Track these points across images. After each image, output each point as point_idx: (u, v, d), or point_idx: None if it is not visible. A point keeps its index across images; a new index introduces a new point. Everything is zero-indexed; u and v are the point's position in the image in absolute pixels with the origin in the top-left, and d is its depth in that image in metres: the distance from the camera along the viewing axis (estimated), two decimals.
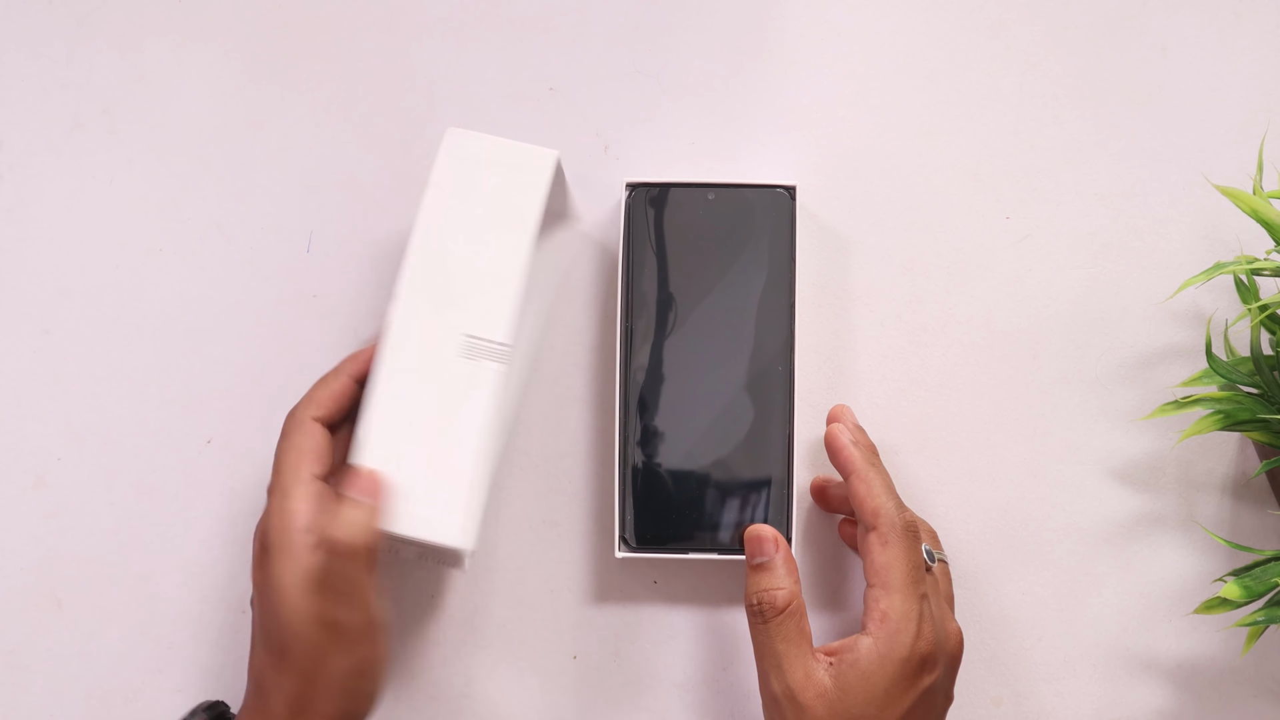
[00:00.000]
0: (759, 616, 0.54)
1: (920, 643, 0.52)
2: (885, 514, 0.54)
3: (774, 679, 0.53)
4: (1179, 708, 0.62)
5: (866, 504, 0.55)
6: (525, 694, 0.62)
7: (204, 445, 0.62)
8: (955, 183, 0.64)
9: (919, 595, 0.53)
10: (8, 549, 0.62)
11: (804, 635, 0.54)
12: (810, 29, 0.65)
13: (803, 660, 0.53)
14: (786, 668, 0.53)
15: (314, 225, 0.64)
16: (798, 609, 0.54)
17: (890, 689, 0.52)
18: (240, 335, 0.63)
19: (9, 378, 0.63)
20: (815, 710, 0.52)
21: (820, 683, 0.52)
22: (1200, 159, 0.64)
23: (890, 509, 0.54)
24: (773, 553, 0.55)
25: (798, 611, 0.54)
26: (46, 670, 0.62)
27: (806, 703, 0.52)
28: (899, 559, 0.53)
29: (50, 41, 0.64)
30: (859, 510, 0.55)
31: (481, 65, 0.64)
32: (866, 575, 0.54)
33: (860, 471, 0.56)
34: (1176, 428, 0.62)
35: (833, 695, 0.52)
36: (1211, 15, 0.65)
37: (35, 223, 0.64)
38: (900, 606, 0.53)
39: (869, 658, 0.52)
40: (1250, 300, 0.58)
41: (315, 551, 0.50)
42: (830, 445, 0.58)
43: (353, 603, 0.50)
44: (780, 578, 0.54)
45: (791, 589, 0.54)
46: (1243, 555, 0.61)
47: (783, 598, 0.54)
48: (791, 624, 0.53)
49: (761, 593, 0.54)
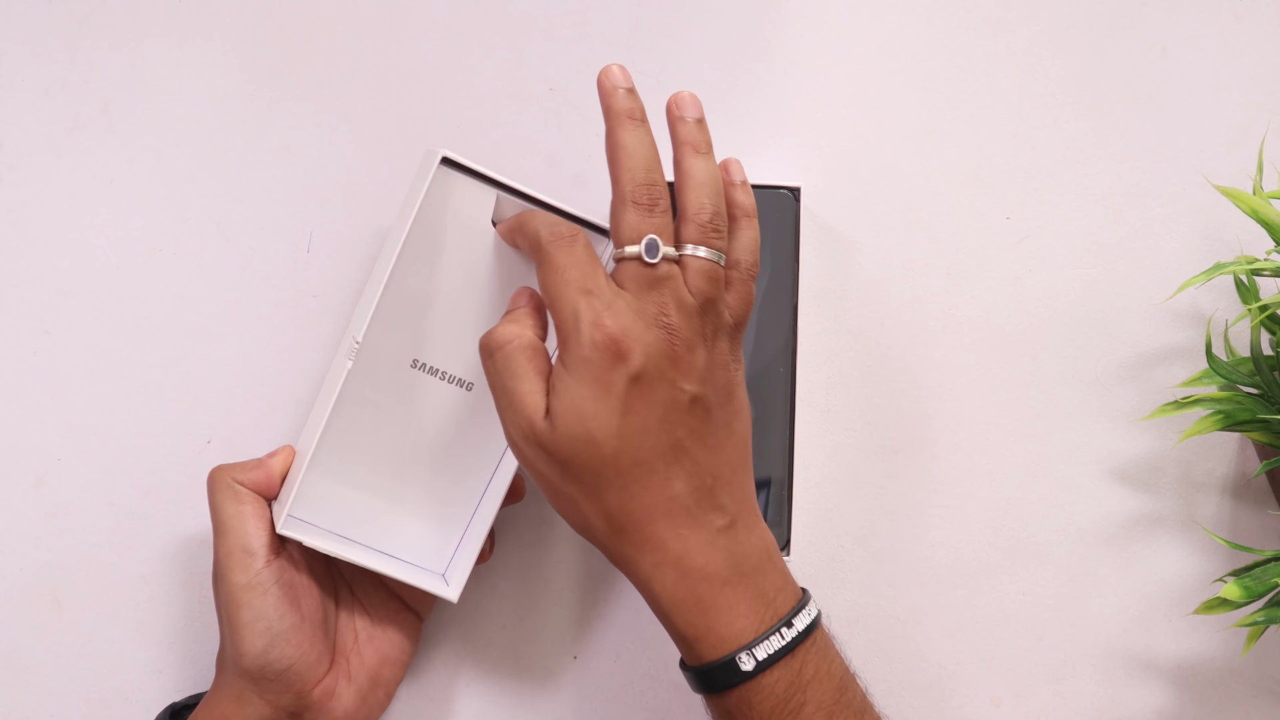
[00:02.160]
0: (484, 354, 0.51)
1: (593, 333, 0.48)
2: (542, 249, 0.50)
3: (513, 416, 0.50)
4: (1179, 708, 0.62)
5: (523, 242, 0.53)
6: (525, 694, 0.62)
7: (204, 445, 0.62)
8: (955, 183, 0.64)
9: (580, 292, 0.49)
10: (8, 549, 0.62)
11: (531, 368, 0.50)
12: (810, 29, 0.65)
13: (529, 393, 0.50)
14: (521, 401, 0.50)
15: (314, 225, 0.64)
16: (530, 342, 0.51)
17: (596, 387, 0.48)
18: (240, 335, 0.63)
19: (9, 378, 0.63)
20: (549, 447, 0.49)
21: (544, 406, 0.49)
22: (1200, 159, 0.64)
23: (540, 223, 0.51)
24: (522, 303, 0.54)
25: (528, 348, 0.51)
26: (46, 670, 0.62)
27: (542, 438, 0.49)
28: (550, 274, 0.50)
29: (50, 41, 0.64)
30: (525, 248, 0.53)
31: (481, 65, 0.64)
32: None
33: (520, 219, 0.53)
34: (1176, 428, 0.62)
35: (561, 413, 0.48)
36: (1211, 15, 0.65)
37: (35, 223, 0.64)
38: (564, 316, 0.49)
39: (559, 367, 0.49)
40: (1250, 300, 0.58)
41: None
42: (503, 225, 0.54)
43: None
44: (518, 323, 0.52)
45: (527, 331, 0.51)
46: (1243, 555, 0.61)
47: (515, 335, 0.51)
48: (519, 357, 0.50)
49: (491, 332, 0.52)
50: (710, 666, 0.49)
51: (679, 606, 0.49)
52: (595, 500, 0.49)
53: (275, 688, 0.54)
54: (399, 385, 0.56)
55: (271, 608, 0.54)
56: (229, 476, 0.56)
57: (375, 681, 0.58)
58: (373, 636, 0.58)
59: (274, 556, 0.55)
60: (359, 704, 0.57)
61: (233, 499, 0.55)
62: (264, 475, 0.56)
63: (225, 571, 0.54)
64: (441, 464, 0.57)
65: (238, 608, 0.54)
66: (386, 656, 0.58)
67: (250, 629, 0.54)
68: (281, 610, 0.54)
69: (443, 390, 0.56)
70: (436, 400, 0.56)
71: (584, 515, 0.50)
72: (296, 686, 0.55)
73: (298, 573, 0.56)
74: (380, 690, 0.58)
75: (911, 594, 0.62)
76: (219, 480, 0.56)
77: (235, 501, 0.55)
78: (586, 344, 0.48)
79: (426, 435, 0.57)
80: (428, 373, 0.56)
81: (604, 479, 0.49)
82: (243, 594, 0.54)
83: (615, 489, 0.49)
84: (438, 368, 0.56)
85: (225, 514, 0.55)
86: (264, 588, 0.54)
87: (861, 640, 0.62)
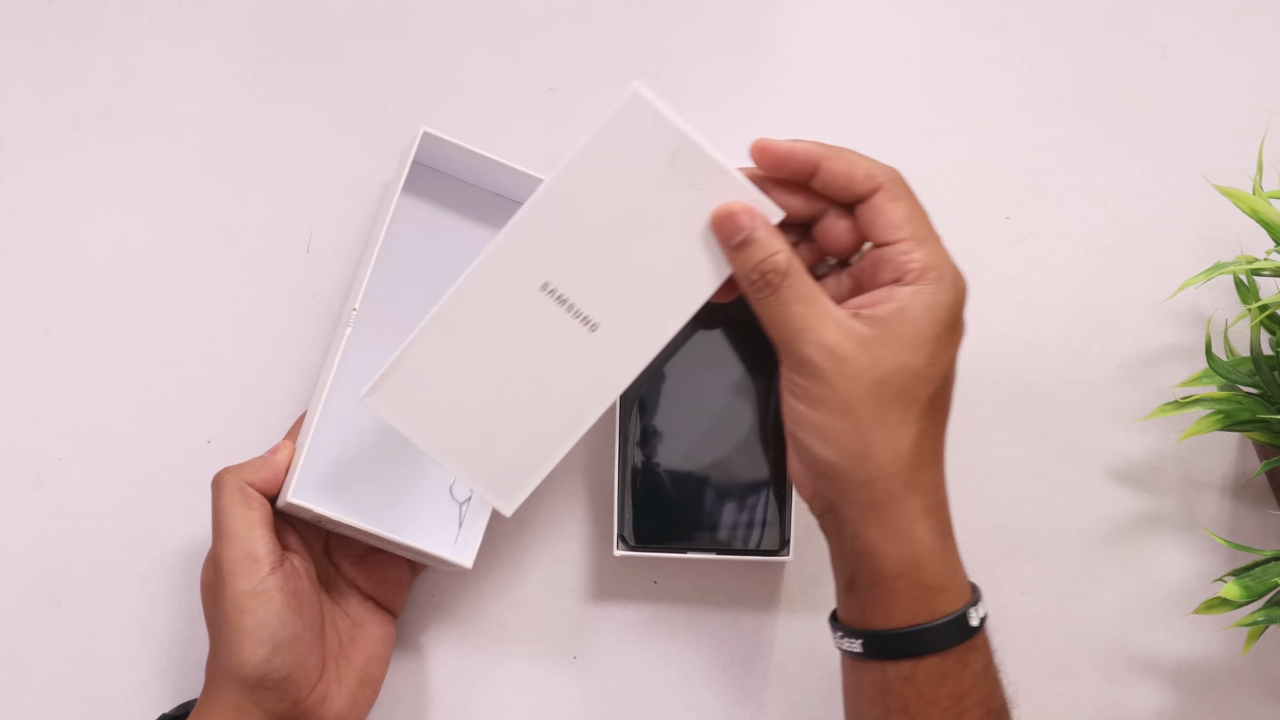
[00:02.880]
0: (766, 288, 0.49)
1: (960, 295, 0.49)
2: (883, 169, 0.49)
3: (802, 343, 0.48)
4: (1179, 708, 0.62)
5: (857, 171, 0.49)
6: (525, 694, 0.62)
7: (204, 445, 0.62)
8: (955, 183, 0.64)
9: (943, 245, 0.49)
10: (8, 549, 0.62)
11: (818, 289, 0.49)
12: (810, 29, 0.65)
13: (830, 313, 0.48)
14: (815, 324, 0.48)
15: (314, 225, 0.64)
16: (800, 267, 0.49)
17: (941, 336, 0.48)
18: (240, 335, 0.63)
19: (9, 378, 0.63)
20: (858, 360, 0.47)
21: (859, 331, 0.48)
22: (1200, 159, 0.64)
23: (881, 165, 0.50)
24: (751, 224, 0.49)
25: (802, 269, 0.49)
26: (46, 670, 0.62)
27: (847, 353, 0.48)
28: (918, 208, 0.49)
29: (50, 41, 0.64)
30: (848, 185, 0.49)
31: (481, 65, 0.64)
32: (881, 234, 0.49)
33: (828, 151, 0.49)
34: (1176, 428, 0.62)
35: (876, 342, 0.48)
36: (1211, 15, 0.65)
37: (35, 223, 0.64)
38: (939, 254, 0.49)
39: (915, 305, 0.48)
40: (1250, 300, 0.58)
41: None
42: (772, 153, 0.50)
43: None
44: (769, 244, 0.49)
45: (786, 249, 0.49)
46: (1243, 555, 0.61)
47: (783, 260, 0.49)
48: (802, 282, 0.49)
49: (758, 265, 0.49)
50: (946, 621, 0.49)
51: (933, 553, 0.49)
52: (911, 425, 0.48)
53: (273, 696, 0.54)
54: (522, 302, 0.52)
55: (275, 615, 0.53)
56: (239, 479, 0.55)
57: (364, 682, 0.58)
58: (355, 638, 0.58)
59: (278, 564, 0.54)
60: (350, 706, 0.57)
61: (242, 503, 0.55)
62: (272, 473, 0.56)
63: (229, 577, 0.54)
64: (533, 396, 0.54)
65: (241, 614, 0.53)
66: (371, 655, 0.58)
67: (252, 637, 0.53)
68: (285, 618, 0.54)
69: (564, 322, 0.52)
70: (553, 330, 0.52)
71: (877, 442, 0.48)
72: (294, 694, 0.54)
73: (299, 580, 0.55)
74: (369, 689, 0.58)
75: None
76: (228, 483, 0.55)
77: (245, 506, 0.55)
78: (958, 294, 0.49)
79: (528, 362, 0.53)
80: (555, 300, 0.52)
81: (932, 405, 0.49)
82: (248, 600, 0.53)
83: (931, 418, 0.49)
84: (567, 298, 0.52)
85: (233, 518, 0.54)
86: (268, 595, 0.54)
87: None
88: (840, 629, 0.51)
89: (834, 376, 0.48)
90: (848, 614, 0.51)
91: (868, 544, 0.49)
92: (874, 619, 0.49)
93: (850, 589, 0.50)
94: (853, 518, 0.49)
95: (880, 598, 0.49)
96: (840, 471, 0.48)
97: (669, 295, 0.52)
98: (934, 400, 0.49)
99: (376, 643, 0.59)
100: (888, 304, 0.48)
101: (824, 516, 0.51)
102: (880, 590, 0.49)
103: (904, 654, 0.49)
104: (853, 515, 0.49)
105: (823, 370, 0.48)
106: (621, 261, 0.51)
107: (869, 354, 0.48)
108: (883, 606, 0.49)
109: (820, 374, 0.48)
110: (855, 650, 0.50)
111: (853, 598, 0.50)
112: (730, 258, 0.50)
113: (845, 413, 0.48)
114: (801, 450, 0.50)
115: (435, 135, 0.57)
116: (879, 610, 0.49)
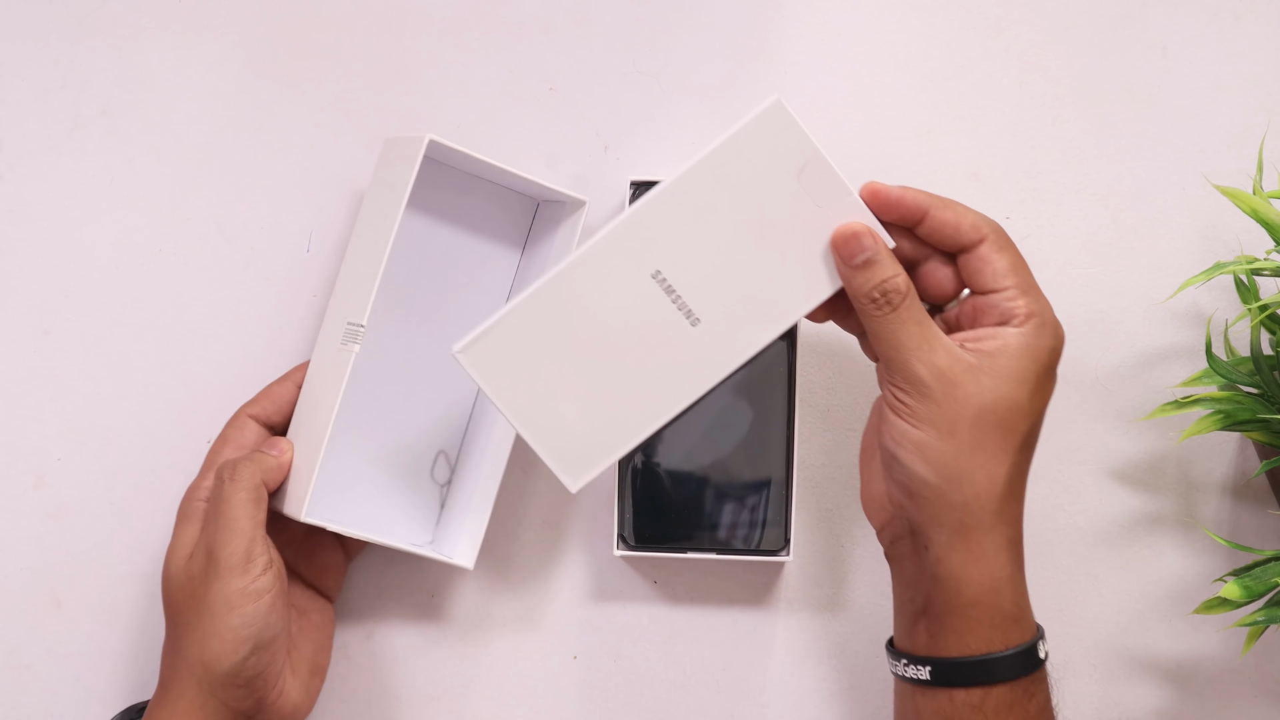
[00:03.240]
0: (887, 306, 0.51)
1: (1059, 343, 0.51)
2: (987, 221, 0.51)
3: (916, 361, 0.50)
4: (1179, 708, 0.62)
5: (964, 222, 0.51)
6: (525, 694, 0.62)
7: (204, 445, 0.62)
8: (955, 183, 0.64)
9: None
10: (8, 549, 0.62)
11: (929, 317, 0.51)
12: (810, 29, 0.65)
13: (942, 338, 0.50)
14: (929, 346, 0.50)
15: (314, 225, 0.64)
16: (915, 292, 0.51)
17: (1041, 376, 0.50)
18: (240, 335, 0.63)
19: (9, 378, 0.63)
20: (966, 385, 0.49)
21: (967, 359, 0.50)
22: (1200, 159, 0.64)
23: (984, 217, 0.52)
24: (874, 246, 0.51)
25: (917, 295, 0.52)
26: (46, 670, 0.62)
27: (957, 377, 0.49)
28: (1020, 259, 0.51)
29: (50, 41, 0.64)
30: (954, 235, 0.51)
31: (481, 65, 0.64)
32: (986, 284, 0.51)
33: (935, 200, 0.51)
34: (1176, 428, 0.62)
35: (983, 372, 0.50)
36: (1211, 15, 0.65)
37: (35, 223, 0.64)
38: (1043, 303, 0.51)
39: (1020, 344, 0.50)
40: (1250, 300, 0.58)
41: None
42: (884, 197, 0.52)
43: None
44: (891, 265, 0.51)
45: (904, 273, 0.51)
46: (1243, 555, 0.61)
47: (903, 283, 0.51)
48: (918, 306, 0.51)
49: (880, 284, 0.51)
50: (1019, 650, 0.50)
51: (1012, 583, 0.51)
52: (1008, 456, 0.50)
53: (240, 694, 0.54)
54: (630, 285, 0.52)
55: (262, 616, 0.53)
56: (258, 476, 0.55)
57: (314, 671, 0.58)
58: (303, 628, 0.59)
59: (270, 564, 0.54)
60: (304, 696, 0.57)
61: (254, 502, 0.54)
62: (279, 474, 0.56)
63: (225, 573, 0.53)
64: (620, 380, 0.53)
65: (229, 611, 0.53)
66: (317, 644, 0.59)
67: (235, 635, 0.53)
68: (270, 619, 0.54)
69: (667, 312, 0.52)
70: (655, 318, 0.52)
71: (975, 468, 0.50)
72: (260, 692, 0.54)
73: (284, 580, 0.55)
74: (317, 679, 0.59)
75: None
76: (245, 479, 0.55)
77: (255, 506, 0.54)
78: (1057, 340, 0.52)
79: (623, 346, 0.53)
80: (664, 288, 0.52)
81: (1027, 441, 0.51)
82: (239, 598, 0.53)
83: (1024, 453, 0.51)
84: (675, 288, 0.52)
85: (241, 515, 0.54)
86: (259, 594, 0.53)
87: (862, 640, 0.62)
88: (904, 656, 0.52)
89: (941, 397, 0.49)
90: (914, 641, 0.52)
91: (951, 569, 0.50)
92: (946, 646, 0.50)
93: (920, 615, 0.51)
94: (940, 541, 0.50)
95: (954, 624, 0.50)
96: (936, 492, 0.50)
97: (773, 303, 0.53)
98: (1029, 436, 0.51)
99: (321, 630, 0.59)
100: (993, 340, 0.50)
101: (898, 542, 0.52)
102: (956, 616, 0.50)
103: (975, 682, 0.50)
104: (941, 539, 0.50)
105: (932, 390, 0.49)
106: (734, 262, 0.52)
107: (976, 381, 0.49)
108: (956, 633, 0.50)
109: (929, 393, 0.50)
110: (921, 678, 0.51)
111: (922, 624, 0.51)
112: (849, 275, 0.51)
113: (949, 434, 0.49)
114: (897, 468, 0.51)
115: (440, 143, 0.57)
116: (952, 637, 0.50)
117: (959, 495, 0.49)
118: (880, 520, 0.53)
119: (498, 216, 0.63)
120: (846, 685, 0.62)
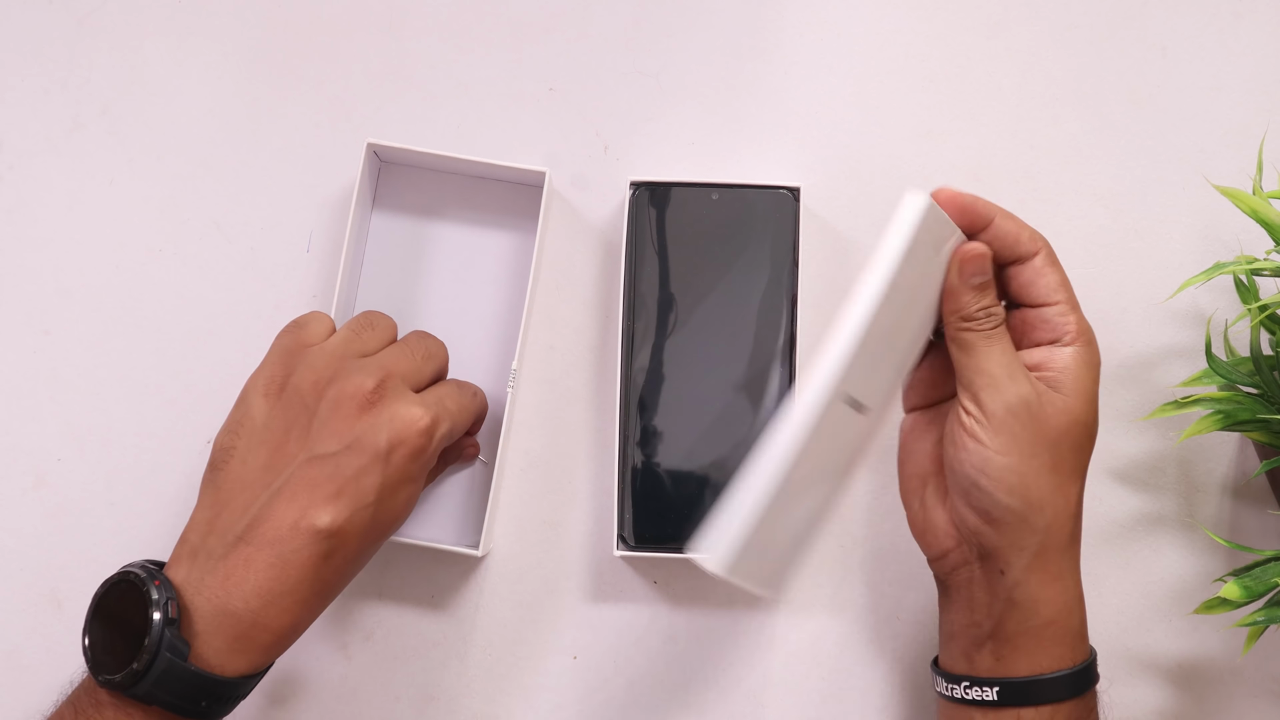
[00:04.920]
0: (987, 323, 0.52)
1: (1099, 358, 0.53)
2: (1041, 235, 0.53)
3: (1005, 388, 0.51)
4: (1179, 708, 0.62)
5: (1024, 233, 0.53)
6: (525, 694, 0.62)
7: (204, 445, 0.62)
8: (955, 183, 0.64)
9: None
10: (8, 549, 0.62)
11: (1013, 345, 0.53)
12: (810, 29, 0.65)
13: (1023, 366, 0.52)
14: (1016, 373, 0.51)
15: (314, 225, 0.64)
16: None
17: (1097, 393, 0.52)
18: (240, 335, 0.63)
19: (9, 378, 0.63)
20: (1046, 411, 0.50)
21: (1041, 385, 0.51)
22: (1200, 159, 0.64)
23: (1037, 231, 0.53)
24: (990, 269, 0.52)
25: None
26: (46, 670, 0.62)
27: (1040, 405, 0.51)
28: (1065, 275, 0.53)
29: (50, 41, 0.64)
30: (1014, 245, 0.53)
31: (481, 65, 0.64)
32: (1039, 296, 0.52)
33: (999, 210, 0.53)
34: (1176, 428, 0.62)
35: (1058, 397, 0.51)
36: (1211, 15, 0.65)
37: (35, 223, 0.64)
38: (1085, 319, 0.52)
39: (1079, 364, 0.51)
40: (1250, 300, 0.58)
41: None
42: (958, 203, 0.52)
43: None
44: (995, 295, 0.53)
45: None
46: (1243, 555, 0.61)
47: (1002, 309, 0.53)
48: (1009, 335, 0.52)
49: (988, 305, 0.52)
50: (1085, 665, 0.51)
51: (1081, 601, 0.52)
52: (1080, 476, 0.52)
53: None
54: (832, 424, 0.50)
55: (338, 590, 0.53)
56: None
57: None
58: None
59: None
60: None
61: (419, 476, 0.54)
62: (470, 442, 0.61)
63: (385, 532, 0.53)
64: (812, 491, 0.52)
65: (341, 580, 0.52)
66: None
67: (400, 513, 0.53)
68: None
69: (849, 418, 0.51)
70: (844, 431, 0.51)
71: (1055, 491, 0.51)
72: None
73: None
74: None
75: (911, 594, 0.62)
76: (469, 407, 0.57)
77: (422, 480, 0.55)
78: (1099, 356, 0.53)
79: (820, 466, 0.51)
80: (850, 404, 0.51)
81: (1089, 460, 0.52)
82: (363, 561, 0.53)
83: (1086, 472, 0.52)
84: (858, 397, 0.51)
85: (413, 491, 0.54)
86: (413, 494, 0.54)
87: (862, 640, 0.62)
88: (964, 679, 0.52)
89: (1028, 424, 0.50)
90: (974, 664, 0.52)
91: (1029, 591, 0.50)
92: (1015, 667, 0.51)
93: (988, 639, 0.52)
94: (1020, 565, 0.51)
95: (1027, 644, 0.51)
96: (1019, 518, 0.50)
97: (906, 356, 0.54)
98: (1091, 453, 0.52)
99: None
100: (1059, 363, 0.51)
101: (961, 569, 0.53)
102: (1029, 637, 0.51)
103: (1048, 699, 0.51)
104: (1021, 562, 0.51)
105: (1019, 418, 0.50)
106: (893, 347, 0.52)
107: (1053, 406, 0.51)
108: (1027, 653, 0.51)
109: (1014, 420, 0.50)
110: (987, 699, 0.51)
111: (988, 647, 0.52)
112: (959, 292, 0.52)
113: (1033, 459, 0.50)
114: (979, 496, 0.51)
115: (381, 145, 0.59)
116: (1023, 657, 0.51)
117: (1041, 520, 0.50)
118: (940, 548, 0.53)
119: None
120: (847, 685, 0.62)
